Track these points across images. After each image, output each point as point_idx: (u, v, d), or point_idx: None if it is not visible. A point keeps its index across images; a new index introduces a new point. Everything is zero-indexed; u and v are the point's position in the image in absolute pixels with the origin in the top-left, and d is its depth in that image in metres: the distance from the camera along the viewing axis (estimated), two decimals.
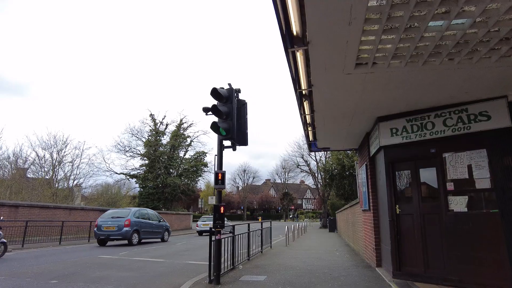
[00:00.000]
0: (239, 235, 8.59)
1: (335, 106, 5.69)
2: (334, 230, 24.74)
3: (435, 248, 5.38)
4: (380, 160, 6.59)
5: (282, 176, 70.38)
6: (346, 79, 4.54)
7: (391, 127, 6.10)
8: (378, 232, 7.03)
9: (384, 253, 6.63)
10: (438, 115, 5.55)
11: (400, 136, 5.95)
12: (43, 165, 25.45)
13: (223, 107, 5.93)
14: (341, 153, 27.49)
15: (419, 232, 5.60)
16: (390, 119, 6.13)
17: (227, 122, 5.93)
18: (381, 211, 6.80)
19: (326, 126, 7.09)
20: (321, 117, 6.34)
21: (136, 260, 9.22)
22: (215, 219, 5.86)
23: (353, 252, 10.87)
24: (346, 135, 7.91)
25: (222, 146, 6.26)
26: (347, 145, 9.16)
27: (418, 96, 5.19)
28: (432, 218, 5.49)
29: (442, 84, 4.69)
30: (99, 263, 8.64)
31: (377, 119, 6.37)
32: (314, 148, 9.53)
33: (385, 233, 6.39)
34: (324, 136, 8.10)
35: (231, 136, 5.90)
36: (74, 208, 18.59)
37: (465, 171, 5.21)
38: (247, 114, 6.64)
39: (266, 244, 12.09)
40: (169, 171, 35.21)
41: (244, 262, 8.32)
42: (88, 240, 16.65)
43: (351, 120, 6.55)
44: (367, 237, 8.08)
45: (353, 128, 7.21)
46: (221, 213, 5.89)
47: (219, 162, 6.22)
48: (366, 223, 8.10)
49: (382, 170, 6.42)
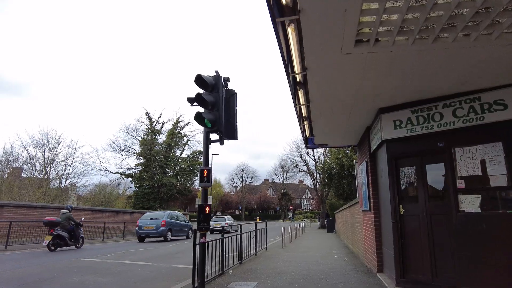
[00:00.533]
0: (231, 237, 8.03)
1: (333, 95, 5.13)
2: (332, 230, 24.22)
3: (444, 253, 4.82)
4: (382, 156, 6.03)
5: (280, 176, 69.86)
6: (345, 61, 3.97)
7: (395, 119, 5.54)
8: (380, 234, 6.47)
9: (386, 257, 6.06)
10: (447, 105, 4.99)
11: (405, 129, 5.39)
12: (34, 164, 24.85)
13: (208, 96, 5.36)
14: (340, 152, 26.97)
15: (425, 235, 5.04)
16: (393, 110, 5.58)
17: (213, 113, 5.36)
18: (383, 212, 6.24)
19: (323, 119, 6.53)
20: (318, 108, 5.77)
21: (120, 264, 8.65)
22: (200, 220, 5.29)
23: (352, 254, 10.31)
24: (345, 129, 7.35)
25: (209, 140, 5.69)
26: (346, 141, 8.59)
27: (425, 82, 4.63)
28: (440, 219, 4.93)
29: (453, 67, 4.12)
30: (81, 267, 8.07)
31: (378, 111, 5.81)
32: (311, 144, 8.96)
33: (388, 235, 5.83)
34: (321, 131, 7.54)
35: (218, 128, 5.33)
36: (64, 208, 17.93)
37: (478, 167, 4.65)
38: (236, 106, 6.07)
39: (261, 246, 11.53)
40: (165, 170, 34.62)
41: (235, 266, 7.75)
42: None
43: (350, 112, 5.99)
44: (367, 239, 7.52)
45: (353, 121, 6.65)
46: (206, 213, 5.33)
47: (205, 158, 5.65)
48: (366, 224, 7.53)
49: (384, 166, 5.87)
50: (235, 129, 5.89)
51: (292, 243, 14.96)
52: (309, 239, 18.05)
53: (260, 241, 11.56)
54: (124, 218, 22.61)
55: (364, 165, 7.42)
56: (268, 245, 13.67)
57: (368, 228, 7.27)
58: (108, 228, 19.96)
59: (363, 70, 4.22)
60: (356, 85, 4.73)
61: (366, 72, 4.27)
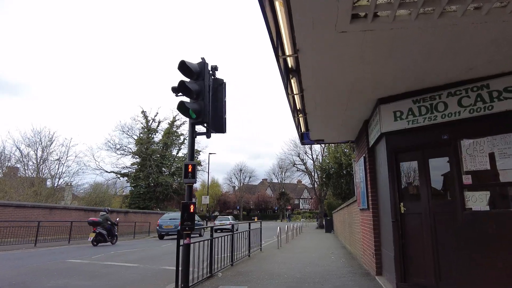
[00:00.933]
0: (221, 238, 7.62)
1: (328, 82, 4.71)
2: (330, 230, 23.82)
3: (449, 254, 4.41)
4: (381, 150, 5.62)
5: (279, 176, 69.49)
6: (340, 41, 3.56)
7: (395, 110, 5.13)
8: (379, 234, 6.06)
9: (385, 259, 5.65)
10: (451, 93, 4.58)
11: (406, 121, 4.99)
12: (27, 163, 24.35)
13: (193, 84, 4.95)
14: (338, 151, 26.60)
15: (428, 236, 4.63)
16: (393, 100, 5.17)
17: (198, 102, 4.95)
18: (382, 210, 5.83)
19: (318, 112, 6.11)
20: (312, 98, 5.36)
21: (106, 265, 8.21)
22: (183, 219, 4.87)
23: (349, 255, 9.90)
24: (342, 123, 6.93)
25: (194, 133, 5.27)
26: (343, 136, 8.18)
27: (428, 68, 4.22)
28: (445, 218, 4.52)
29: (460, 49, 3.71)
30: (63, 269, 7.63)
31: (377, 101, 5.40)
32: (306, 140, 8.56)
33: (387, 236, 5.42)
34: (317, 125, 7.12)
35: (203, 119, 4.92)
36: (55, 208, 17.50)
37: (486, 160, 4.25)
38: (225, 96, 5.67)
39: (256, 247, 11.12)
40: (161, 170, 34.14)
41: (226, 268, 7.33)
42: (68, 241, 15.63)
43: (347, 102, 5.57)
44: (365, 239, 7.11)
45: (350, 114, 6.24)
46: (190, 212, 4.91)
47: (190, 151, 5.23)
48: (364, 224, 7.13)
49: (384, 162, 5.46)
50: (223, 122, 5.49)
51: (288, 243, 14.55)
52: (306, 239, 17.65)
53: (255, 242, 11.17)
54: (118, 218, 22.16)
55: (362, 161, 7.01)
56: (264, 246, 13.26)
57: (366, 228, 6.87)
58: None
59: (360, 52, 3.81)
60: (353, 71, 4.32)
61: (364, 55, 3.86)
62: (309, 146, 37.07)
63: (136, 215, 24.60)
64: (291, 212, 69.20)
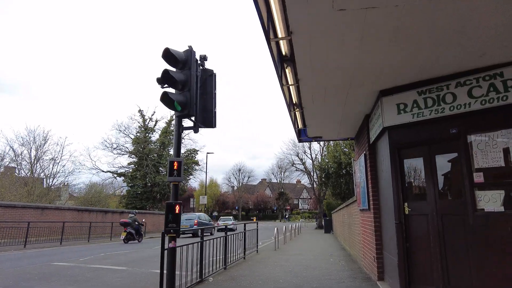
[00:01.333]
0: (215, 239, 7.22)
1: (325, 71, 4.31)
2: (330, 231, 23.43)
3: (458, 259, 4.02)
4: (383, 146, 5.22)
5: (278, 176, 69.06)
6: (338, 21, 3.17)
7: (398, 103, 4.73)
8: (380, 237, 5.66)
9: (388, 264, 5.25)
10: (461, 83, 4.19)
11: (410, 114, 4.59)
12: (20, 162, 23.91)
13: (179, 74, 4.54)
14: (338, 150, 26.23)
15: (436, 239, 4.23)
16: (396, 92, 4.77)
17: (184, 94, 4.54)
18: (384, 211, 5.43)
19: (315, 105, 5.72)
20: (309, 90, 4.96)
21: (92, 268, 7.80)
22: (168, 221, 4.46)
23: (349, 258, 9.51)
24: (341, 118, 6.53)
25: (181, 127, 4.86)
26: (342, 133, 7.77)
27: (436, 54, 3.82)
28: (454, 220, 4.12)
29: (472, 31, 3.32)
30: (46, 273, 7.21)
31: (379, 94, 5.00)
32: (304, 137, 8.15)
33: (390, 239, 5.02)
34: (315, 120, 6.73)
35: (189, 112, 4.51)
36: (47, 208, 17.05)
37: (500, 156, 3.85)
38: (215, 89, 5.26)
39: (252, 249, 10.71)
40: (158, 169, 33.69)
41: (219, 272, 6.93)
42: (60, 242, 15.19)
43: (346, 95, 5.18)
44: (366, 242, 6.71)
45: (350, 108, 5.84)
46: (175, 213, 4.50)
47: (176, 147, 4.82)
48: (365, 225, 6.72)
49: (386, 159, 5.06)
50: (213, 116, 5.07)
51: (286, 244, 14.14)
52: (304, 240, 17.24)
53: (251, 243, 10.77)
54: (113, 218, 21.74)
55: (362, 158, 6.61)
56: (261, 247, 12.86)
57: (367, 229, 6.47)
58: (96, 228, 19.15)
59: (361, 36, 3.41)
60: (353, 58, 3.92)
61: (365, 39, 3.47)
62: (308, 146, 36.68)
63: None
64: (290, 212, 68.80)
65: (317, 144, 36.75)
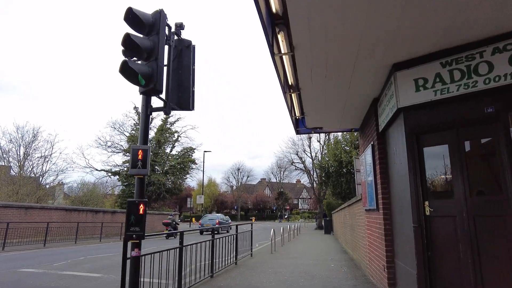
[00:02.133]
0: (201, 243, 6.34)
1: (326, 38, 3.41)
2: (330, 232, 22.55)
3: (497, 272, 3.12)
4: (397, 132, 4.32)
5: (277, 175, 68.11)
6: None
7: (417, 77, 3.83)
8: (392, 242, 4.76)
9: (402, 275, 4.35)
10: (499, 49, 3.29)
11: (431, 90, 3.69)
12: (7, 159, 22.97)
13: (144, 40, 3.64)
14: (338, 148, 25.38)
15: (467, 246, 3.33)
16: (414, 64, 3.87)
17: (150, 64, 3.63)
18: (397, 212, 4.53)
19: (315, 86, 4.82)
20: (306, 62, 4.06)
21: (62, 276, 6.89)
22: (130, 224, 3.56)
23: (352, 262, 8.61)
24: (344, 104, 5.64)
25: (149, 108, 3.96)
26: (345, 123, 6.87)
27: (465, 13, 2.92)
28: (491, 222, 3.23)
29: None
30: (8, 282, 6.32)
31: (392, 68, 4.11)
32: (302, 127, 7.26)
33: (405, 245, 4.12)
34: (314, 106, 5.83)
35: (156, 86, 3.60)
36: (32, 207, 16.11)
37: None
38: (194, 64, 4.36)
39: (246, 252, 9.82)
40: (154, 168, 32.75)
41: (204, 281, 6.03)
42: (44, 244, 14.27)
43: (352, 72, 4.28)
44: (373, 247, 5.81)
45: (355, 90, 4.95)
46: (139, 214, 3.60)
47: (143, 133, 3.93)
48: (372, 228, 5.82)
49: (401, 147, 4.16)
50: (190, 95, 4.16)
51: (284, 246, 13.23)
52: (303, 242, 16.33)
53: (246, 245, 9.88)
54: (104, 218, 20.84)
55: (369, 150, 5.70)
56: (257, 249, 11.98)
57: (375, 233, 5.57)
58: (85, 229, 18.26)
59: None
60: (360, 22, 3.04)
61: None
62: (307, 144, 35.77)
63: (125, 216, 23.20)
64: (290, 212, 67.89)
65: (317, 143, 35.94)
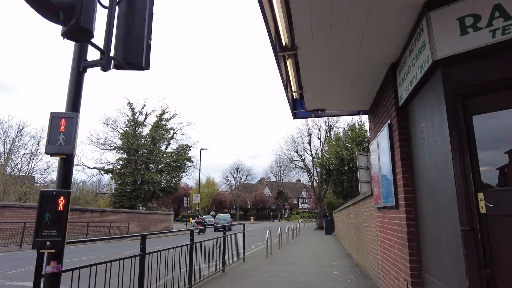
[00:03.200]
0: (181, 247, 5.21)
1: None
2: (331, 232, 21.40)
3: None
4: (428, 100, 3.14)
5: (277, 175, 66.91)
6: None
7: (462, 15, 2.66)
8: (418, 249, 3.59)
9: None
10: None
11: (487, 30, 2.52)
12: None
13: None
14: (340, 145, 24.31)
15: None
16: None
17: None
18: (426, 209, 3.36)
19: (316, 44, 3.65)
20: (305, 9, 2.89)
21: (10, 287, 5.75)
22: (43, 225, 2.40)
23: (358, 268, 7.46)
24: (353, 73, 4.46)
25: (82, 61, 2.79)
26: (352, 102, 5.67)
27: None
28: None
29: None
30: None
31: (424, 7, 2.94)
32: (300, 110, 6.09)
33: (442, 256, 2.95)
34: (314, 78, 4.66)
35: (80, 23, 2.43)
36: (8, 206, 14.96)
37: None
38: (152, 10, 3.21)
39: (238, 256, 8.67)
40: (148, 166, 31.59)
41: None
42: (20, 246, 13.12)
43: (367, 14, 3.10)
44: (388, 255, 4.63)
45: (368, 50, 3.77)
46: (58, 211, 2.44)
47: (73, 95, 2.76)
48: (387, 230, 4.65)
49: (437, 119, 2.99)
50: (143, 49, 3.00)
51: (281, 249, 12.07)
52: (303, 243, 15.17)
53: (238, 248, 8.74)
54: (92, 218, 19.69)
55: (385, 132, 4.51)
56: (251, 253, 10.84)
57: (391, 236, 4.40)
58: (70, 229, 17.12)
59: None
60: None
61: None
62: (307, 141, 34.58)
63: (115, 215, 22.10)
64: (289, 212, 66.78)
65: (318, 140, 34.74)
